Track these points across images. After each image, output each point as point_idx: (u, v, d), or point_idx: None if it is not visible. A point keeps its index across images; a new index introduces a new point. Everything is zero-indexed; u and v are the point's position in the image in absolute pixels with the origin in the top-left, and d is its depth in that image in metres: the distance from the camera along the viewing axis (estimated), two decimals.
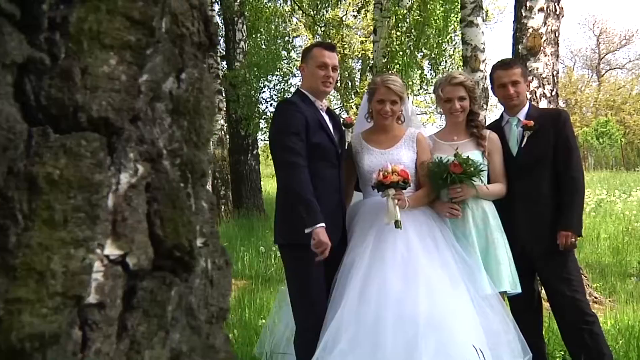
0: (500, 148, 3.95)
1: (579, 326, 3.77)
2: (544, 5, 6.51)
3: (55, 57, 1.17)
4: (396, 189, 3.61)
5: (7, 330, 1.09)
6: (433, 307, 3.44)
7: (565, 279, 3.80)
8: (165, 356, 1.21)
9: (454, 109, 3.90)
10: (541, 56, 6.49)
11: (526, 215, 3.84)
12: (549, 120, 3.93)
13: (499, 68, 4.05)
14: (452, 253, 3.71)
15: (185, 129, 1.28)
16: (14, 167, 1.14)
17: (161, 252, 1.23)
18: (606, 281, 7.69)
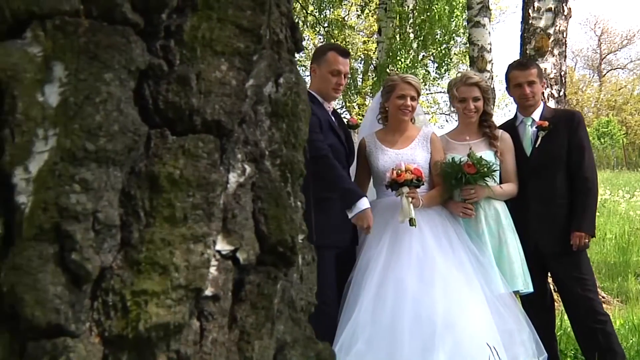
0: (513, 148, 4.01)
1: (591, 325, 3.83)
2: (551, 6, 6.59)
3: (171, 63, 1.25)
4: (410, 187, 3.67)
5: (134, 320, 1.16)
6: (449, 306, 3.49)
7: (578, 278, 3.86)
8: (272, 346, 1.28)
9: (468, 108, 3.97)
10: (549, 57, 6.56)
11: (539, 215, 3.90)
12: (563, 121, 3.99)
13: (516, 68, 4.11)
14: (467, 253, 3.78)
15: (284, 131, 1.35)
16: (135, 167, 1.21)
17: (265, 248, 1.31)
18: (613, 281, 7.79)
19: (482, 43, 8.50)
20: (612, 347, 3.84)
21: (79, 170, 1.12)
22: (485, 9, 8.57)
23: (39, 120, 1.12)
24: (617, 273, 8.25)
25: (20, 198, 1.12)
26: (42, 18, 1.13)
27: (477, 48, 8.50)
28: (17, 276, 1.10)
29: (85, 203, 1.12)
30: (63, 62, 1.12)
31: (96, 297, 1.18)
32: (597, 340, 3.83)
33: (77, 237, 1.12)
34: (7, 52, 1.12)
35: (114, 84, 1.15)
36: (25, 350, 1.12)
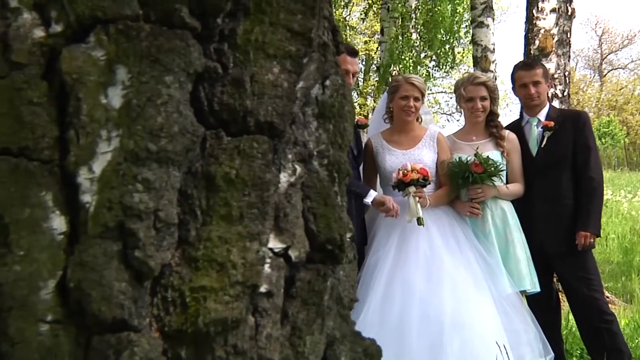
0: (519, 148, 4.04)
1: (597, 325, 3.86)
2: (555, 6, 6.61)
3: (225, 66, 1.28)
4: (416, 187, 3.71)
5: (193, 315, 1.20)
6: (457, 306, 3.52)
7: (584, 278, 3.88)
8: (323, 342, 1.32)
9: (476, 108, 4.00)
10: (553, 57, 6.58)
11: (545, 215, 3.92)
12: (568, 121, 4.02)
13: (521, 68, 4.14)
14: (474, 252, 3.80)
15: (330, 132, 1.39)
16: (192, 167, 1.25)
17: (314, 246, 1.34)
18: (617, 281, 7.83)
19: (485, 43, 8.52)
20: (618, 346, 3.86)
21: (141, 170, 1.16)
22: (489, 9, 8.59)
23: (103, 122, 1.16)
24: (620, 273, 8.28)
25: (85, 197, 1.15)
26: (105, 22, 1.17)
27: (480, 48, 8.52)
28: (83, 273, 1.13)
29: (148, 202, 1.16)
30: (126, 65, 1.16)
31: (155, 293, 1.21)
32: (603, 340, 3.85)
33: (140, 235, 1.15)
34: (72, 55, 1.16)
35: (174, 87, 1.19)
36: (90, 344, 1.16)
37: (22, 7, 1.16)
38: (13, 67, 1.15)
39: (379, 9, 14.89)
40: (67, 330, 1.14)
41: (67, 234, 1.15)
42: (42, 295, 1.13)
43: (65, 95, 1.18)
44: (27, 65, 1.15)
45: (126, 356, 1.13)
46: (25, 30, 1.16)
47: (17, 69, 1.15)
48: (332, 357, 1.33)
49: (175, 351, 1.20)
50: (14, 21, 1.16)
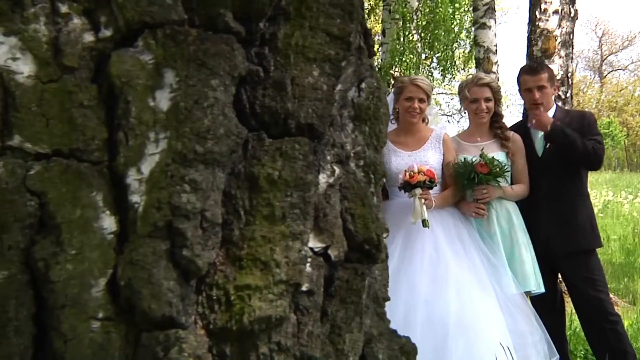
0: (523, 149, 4.06)
1: (602, 326, 3.86)
2: (558, 8, 6.63)
3: (266, 69, 1.31)
4: (422, 189, 3.72)
5: (238, 313, 1.23)
6: (462, 308, 3.52)
7: (589, 278, 3.89)
8: (361, 339, 1.35)
9: (480, 109, 4.01)
10: (556, 58, 6.58)
11: (550, 215, 3.93)
12: (575, 122, 4.05)
13: (526, 73, 4.16)
14: (479, 254, 3.81)
15: (366, 134, 1.42)
16: (235, 168, 1.28)
17: (352, 245, 1.37)
18: (619, 282, 7.85)
19: (487, 44, 8.52)
20: (623, 347, 3.87)
21: (188, 171, 1.19)
22: (491, 10, 8.60)
23: (151, 124, 1.19)
24: (622, 274, 8.29)
25: (134, 197, 1.18)
26: (153, 27, 1.20)
27: (482, 50, 8.52)
28: (134, 271, 1.16)
29: (195, 202, 1.19)
30: (174, 69, 1.19)
31: (200, 291, 1.24)
32: (608, 341, 3.85)
33: (187, 235, 1.18)
34: (121, 59, 1.19)
35: (220, 90, 1.22)
36: (139, 341, 1.19)
37: (72, 12, 1.19)
38: (64, 70, 1.18)
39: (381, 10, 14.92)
40: (118, 327, 1.17)
41: (116, 234, 1.18)
42: (94, 293, 1.16)
43: (113, 98, 1.21)
44: (78, 69, 1.18)
45: (174, 353, 1.16)
46: (76, 35, 1.19)
47: (68, 72, 1.18)
48: (370, 355, 1.36)
49: (220, 348, 1.23)
50: (64, 26, 1.18)
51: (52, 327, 1.14)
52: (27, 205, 1.15)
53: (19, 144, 1.15)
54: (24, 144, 1.15)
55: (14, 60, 1.16)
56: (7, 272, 1.13)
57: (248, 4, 1.24)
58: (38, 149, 1.16)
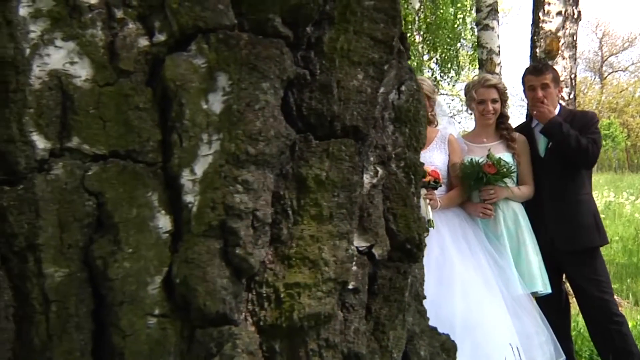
0: (529, 150, 4.06)
1: (607, 326, 3.86)
2: (561, 9, 6.62)
3: (312, 72, 1.35)
4: (428, 189, 3.74)
5: (288, 310, 1.26)
6: (468, 309, 3.52)
7: (594, 279, 3.89)
8: (404, 337, 1.38)
9: (487, 110, 4.03)
10: (559, 59, 6.58)
11: (554, 215, 3.92)
12: (577, 121, 4.06)
13: (531, 73, 4.17)
14: (485, 255, 3.82)
15: (406, 136, 1.45)
16: (282, 169, 1.32)
17: (394, 245, 1.40)
18: (622, 283, 7.83)
19: (490, 46, 8.51)
20: (628, 348, 3.87)
21: (241, 172, 1.22)
22: (494, 12, 8.59)
23: (204, 126, 1.22)
24: (625, 275, 8.28)
25: (187, 197, 1.22)
26: (206, 32, 1.24)
27: (486, 51, 8.51)
28: (189, 269, 1.19)
29: (247, 202, 1.22)
30: (227, 72, 1.22)
31: (250, 289, 1.28)
32: (613, 341, 3.86)
33: (240, 234, 1.21)
34: (174, 63, 1.22)
35: (270, 93, 1.25)
36: (193, 337, 1.22)
37: (127, 17, 1.23)
38: (120, 74, 1.21)
39: None
40: (173, 323, 1.20)
41: (171, 233, 1.22)
42: (150, 291, 1.19)
43: (167, 101, 1.24)
44: (133, 72, 1.22)
45: (228, 349, 1.19)
46: (131, 40, 1.22)
47: (124, 76, 1.21)
48: (413, 352, 1.39)
49: (269, 344, 1.26)
50: (120, 31, 1.22)
51: (111, 323, 1.17)
52: (86, 205, 1.18)
53: (77, 146, 1.19)
54: (82, 146, 1.19)
55: (72, 64, 1.20)
56: (67, 269, 1.16)
57: (297, 9, 1.28)
58: (95, 151, 1.20)
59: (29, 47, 1.18)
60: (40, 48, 1.18)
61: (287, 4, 1.26)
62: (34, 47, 1.18)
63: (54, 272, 1.15)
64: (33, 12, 1.18)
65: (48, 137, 1.18)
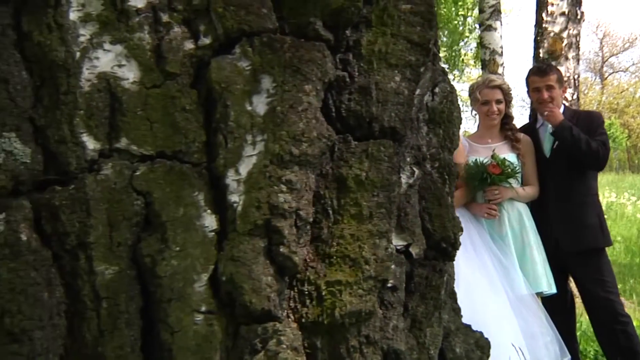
0: (533, 151, 4.05)
1: (612, 326, 3.85)
2: (565, 10, 6.62)
3: (350, 75, 1.38)
4: None
5: (329, 307, 1.28)
6: (473, 310, 3.54)
7: (599, 280, 3.88)
8: (441, 333, 1.41)
9: (491, 111, 4.03)
10: (562, 60, 6.58)
11: (559, 216, 3.91)
12: (582, 122, 4.06)
13: (535, 74, 4.16)
14: (490, 255, 3.82)
15: (440, 137, 1.47)
16: (322, 170, 1.34)
17: (429, 244, 1.43)
18: (625, 283, 7.83)
19: (493, 46, 8.49)
20: (633, 348, 3.86)
21: (285, 172, 1.25)
22: (497, 12, 8.58)
23: (248, 127, 1.25)
24: (629, 275, 8.28)
25: (232, 197, 1.24)
26: (250, 35, 1.27)
27: (488, 51, 8.51)
28: (235, 267, 1.22)
29: (291, 202, 1.25)
30: (271, 75, 1.25)
31: (292, 286, 1.30)
32: (619, 341, 3.85)
33: (284, 233, 1.24)
34: (219, 66, 1.25)
35: (312, 95, 1.28)
36: (238, 333, 1.25)
37: (173, 21, 1.26)
38: (167, 76, 1.24)
39: None
40: (219, 320, 1.23)
41: (217, 231, 1.25)
42: (197, 288, 1.22)
43: (210, 103, 1.27)
44: (179, 75, 1.25)
45: (273, 345, 1.22)
46: (177, 43, 1.25)
47: (170, 78, 1.24)
48: (448, 348, 1.42)
49: (311, 341, 1.29)
50: (166, 34, 1.25)
51: (160, 319, 1.20)
52: (134, 204, 1.21)
53: (126, 146, 1.22)
54: (130, 146, 1.22)
55: (119, 67, 1.23)
56: (117, 267, 1.19)
57: (338, 12, 1.30)
58: (143, 151, 1.22)
59: (79, 50, 1.21)
60: (90, 51, 1.21)
61: (328, 7, 1.29)
62: (83, 50, 1.21)
63: (104, 270, 1.18)
64: (83, 16, 1.21)
65: (97, 138, 1.21)
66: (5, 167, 1.15)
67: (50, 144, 1.19)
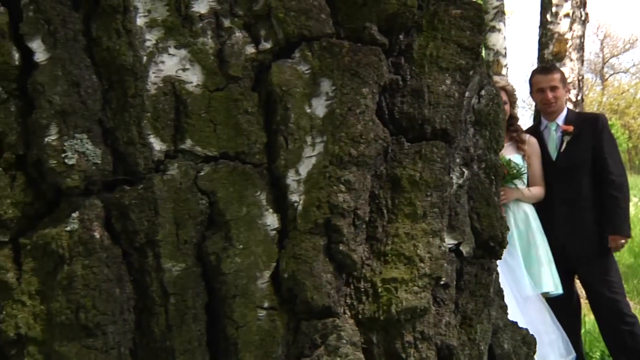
0: (539, 152, 4.04)
1: (619, 327, 3.85)
2: (569, 11, 6.63)
3: (403, 78, 1.42)
4: None
5: (385, 304, 1.32)
6: None
7: (606, 280, 3.88)
8: (490, 330, 1.44)
9: None
10: (567, 61, 6.56)
11: (567, 218, 3.91)
12: (587, 125, 4.01)
13: (539, 73, 4.15)
14: None
15: (487, 138, 1.51)
16: (376, 170, 1.38)
17: (478, 242, 1.47)
18: (628, 284, 7.83)
19: (497, 48, 8.49)
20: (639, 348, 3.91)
21: (344, 172, 1.28)
22: (501, 14, 8.59)
23: (308, 129, 1.29)
24: (632, 276, 8.28)
25: (293, 197, 1.28)
26: (309, 40, 1.31)
27: (492, 52, 8.51)
28: (297, 264, 1.26)
29: (349, 201, 1.28)
30: (330, 78, 1.29)
31: (348, 284, 1.34)
32: (625, 342, 3.85)
33: (344, 231, 1.28)
34: (280, 69, 1.29)
35: (369, 97, 1.31)
36: (298, 328, 1.29)
37: (234, 26, 1.30)
38: (229, 80, 1.28)
39: None
40: (281, 315, 1.27)
41: (278, 230, 1.29)
42: (259, 285, 1.26)
43: (270, 105, 1.31)
44: (242, 78, 1.29)
45: (333, 340, 1.26)
46: (239, 47, 1.29)
47: (233, 81, 1.28)
48: (497, 345, 1.45)
49: (367, 336, 1.32)
50: (227, 39, 1.29)
51: (225, 315, 1.24)
52: (199, 203, 1.25)
53: (190, 148, 1.26)
54: (194, 148, 1.26)
55: (184, 71, 1.27)
56: (183, 264, 1.23)
57: (393, 17, 1.34)
58: (207, 152, 1.26)
59: (146, 54, 1.25)
60: (156, 55, 1.25)
61: (384, 12, 1.33)
62: (150, 54, 1.25)
63: (171, 267, 1.22)
64: (149, 22, 1.25)
65: (164, 140, 1.25)
66: (78, 168, 1.19)
67: (119, 145, 1.23)
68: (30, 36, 1.20)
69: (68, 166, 1.18)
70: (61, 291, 1.17)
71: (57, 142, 1.18)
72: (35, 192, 1.23)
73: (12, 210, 1.20)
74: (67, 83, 1.19)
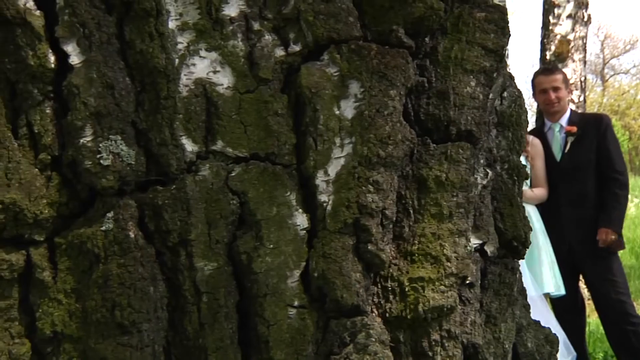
0: (542, 153, 4.04)
1: (624, 327, 3.85)
2: (572, 12, 6.64)
3: (429, 80, 1.43)
4: None
5: (412, 303, 1.34)
6: None
7: (611, 281, 3.89)
8: (514, 329, 1.46)
9: None
10: (569, 62, 6.58)
11: (572, 219, 3.90)
12: (590, 126, 4.01)
13: (541, 74, 4.14)
14: None
15: (509, 139, 1.53)
16: (403, 171, 1.40)
17: (501, 242, 1.49)
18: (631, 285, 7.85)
19: None
20: None
21: (372, 173, 1.30)
22: None
23: (337, 131, 1.31)
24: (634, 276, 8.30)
25: (322, 197, 1.30)
26: (338, 43, 1.33)
27: None
28: (326, 264, 1.28)
29: (378, 202, 1.30)
30: (359, 80, 1.31)
31: (375, 283, 1.36)
32: (630, 342, 3.86)
33: (372, 231, 1.30)
34: (309, 72, 1.31)
35: (397, 99, 1.33)
36: (327, 327, 1.31)
37: (264, 29, 1.31)
38: (260, 82, 1.30)
39: None
40: (311, 314, 1.28)
41: (307, 230, 1.31)
42: (290, 283, 1.27)
43: (299, 107, 1.33)
44: (271, 80, 1.31)
45: (362, 338, 1.27)
46: (268, 50, 1.31)
47: (263, 84, 1.30)
48: (521, 343, 1.47)
49: (394, 335, 1.34)
50: (257, 42, 1.31)
51: (256, 314, 1.26)
52: (230, 203, 1.27)
53: (222, 149, 1.28)
54: (225, 149, 1.28)
55: (214, 73, 1.29)
56: (215, 264, 1.25)
57: (420, 20, 1.36)
58: (238, 153, 1.28)
59: (178, 57, 1.26)
60: (187, 58, 1.27)
61: (411, 16, 1.35)
62: (181, 57, 1.27)
63: (204, 266, 1.24)
64: (180, 25, 1.27)
65: (195, 141, 1.27)
66: (113, 168, 1.21)
67: (152, 146, 1.25)
68: (65, 39, 1.21)
69: (103, 167, 1.20)
70: (96, 289, 1.19)
71: (92, 143, 1.20)
72: (69, 192, 1.24)
73: (48, 210, 1.22)
74: (101, 85, 1.21)
